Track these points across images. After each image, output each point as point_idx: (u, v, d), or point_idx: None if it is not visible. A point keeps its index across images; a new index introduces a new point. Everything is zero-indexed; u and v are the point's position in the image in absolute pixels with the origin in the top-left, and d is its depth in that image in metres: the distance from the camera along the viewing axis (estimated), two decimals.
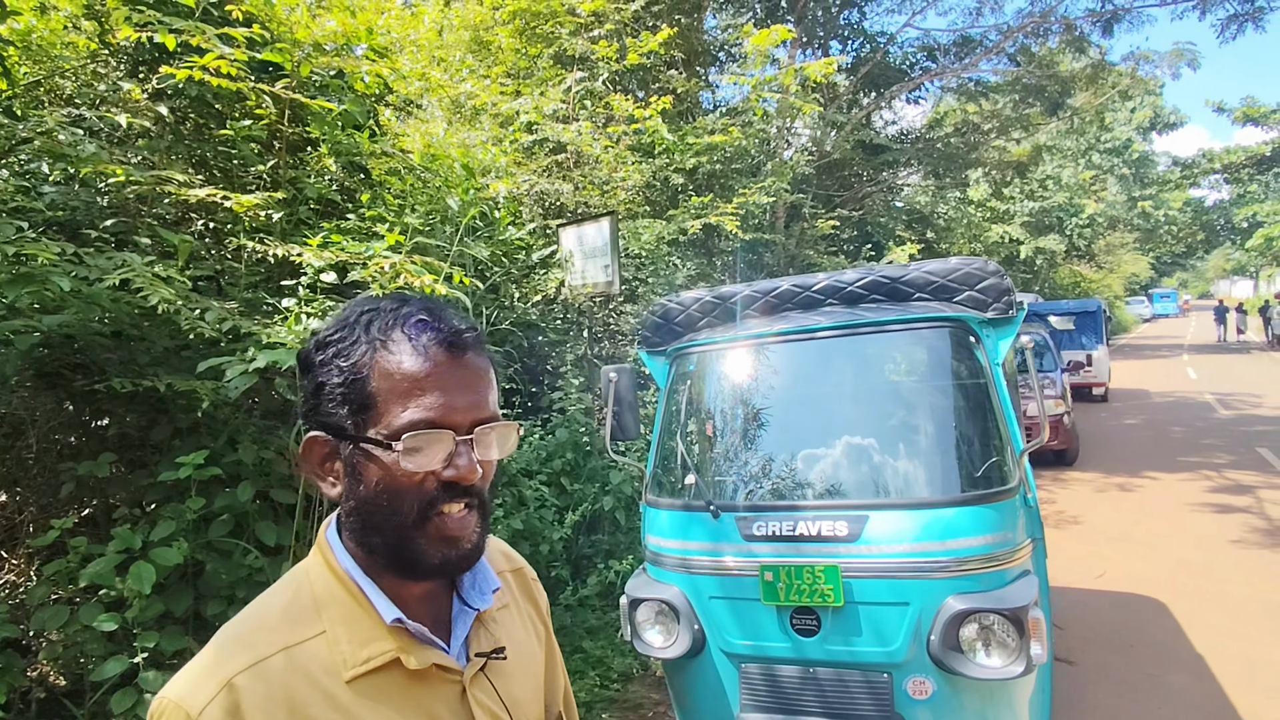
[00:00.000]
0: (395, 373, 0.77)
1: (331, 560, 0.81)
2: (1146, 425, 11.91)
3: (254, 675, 0.72)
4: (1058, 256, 26.61)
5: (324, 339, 0.79)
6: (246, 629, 0.77)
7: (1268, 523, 6.47)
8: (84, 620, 2.59)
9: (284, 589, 0.82)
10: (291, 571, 0.85)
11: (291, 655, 0.75)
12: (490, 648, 0.87)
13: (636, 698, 3.92)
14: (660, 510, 2.68)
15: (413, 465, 0.76)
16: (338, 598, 0.79)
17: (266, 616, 0.79)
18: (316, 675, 0.75)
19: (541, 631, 1.03)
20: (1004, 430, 2.47)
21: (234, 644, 0.76)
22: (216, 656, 0.75)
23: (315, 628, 0.77)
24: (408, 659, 0.78)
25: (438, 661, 0.81)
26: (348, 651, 0.76)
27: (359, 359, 0.77)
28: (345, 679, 0.75)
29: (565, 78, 7.00)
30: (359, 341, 0.78)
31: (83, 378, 2.83)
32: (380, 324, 0.79)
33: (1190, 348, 26.95)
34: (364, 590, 0.79)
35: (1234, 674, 3.91)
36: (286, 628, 0.77)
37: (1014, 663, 2.10)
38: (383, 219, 3.61)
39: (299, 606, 0.79)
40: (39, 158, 3.28)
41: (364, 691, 0.76)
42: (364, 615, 0.78)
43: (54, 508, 3.16)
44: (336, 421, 0.78)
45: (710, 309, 3.01)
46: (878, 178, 13.33)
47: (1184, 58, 12.63)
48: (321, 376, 0.78)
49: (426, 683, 0.80)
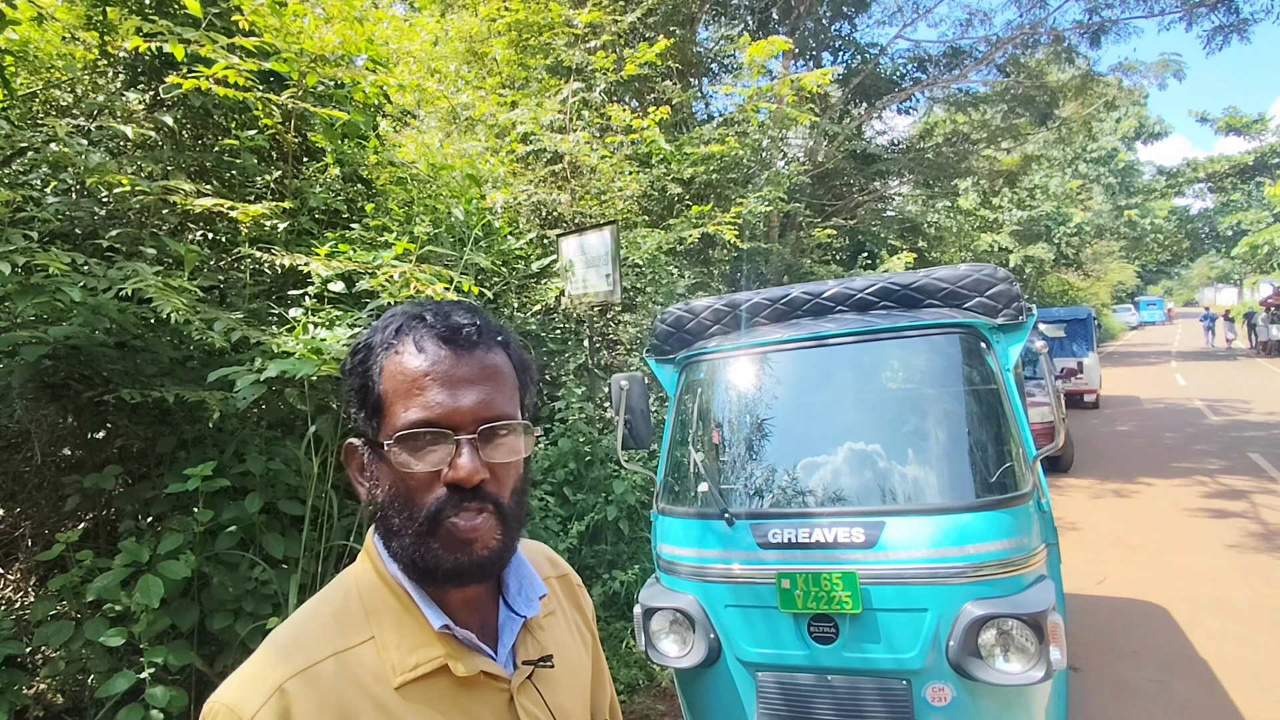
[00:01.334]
0: (398, 373, 0.77)
1: (379, 566, 0.81)
2: (1138, 432, 12.00)
3: (305, 680, 0.72)
4: (1046, 265, 26.86)
5: (354, 347, 0.82)
6: (297, 634, 0.78)
7: (1263, 527, 6.52)
8: (89, 635, 2.55)
9: (333, 594, 0.82)
10: (340, 576, 0.85)
11: (342, 661, 0.75)
12: (537, 655, 0.87)
13: (643, 709, 3.89)
14: (673, 519, 2.67)
15: (408, 466, 0.75)
16: (386, 604, 0.79)
17: (317, 621, 0.79)
18: (366, 681, 0.74)
19: (588, 638, 1.02)
20: (1016, 435, 2.48)
21: (285, 649, 0.76)
22: (268, 661, 0.75)
23: (364, 633, 0.77)
24: (455, 666, 0.78)
25: (485, 669, 0.80)
26: (396, 658, 0.76)
27: (372, 363, 0.79)
28: (394, 685, 0.75)
29: (562, 88, 7.03)
30: (375, 346, 0.79)
31: (87, 389, 2.79)
32: (393, 327, 0.79)
33: (1178, 354, 27.22)
34: (412, 596, 0.79)
35: (1238, 679, 3.93)
36: (336, 633, 0.77)
37: (1034, 668, 2.10)
38: (387, 229, 3.60)
39: (348, 612, 0.79)
40: (36, 167, 3.25)
41: (412, 698, 0.76)
42: (412, 621, 0.78)
43: (56, 521, 3.11)
44: (359, 426, 0.80)
45: (721, 316, 3.02)
46: (869, 187, 13.43)
47: (1170, 68, 12.84)
48: (348, 383, 0.81)
49: (474, 690, 0.80)
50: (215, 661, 2.92)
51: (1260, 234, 23.09)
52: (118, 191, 3.05)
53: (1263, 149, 26.28)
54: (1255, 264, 27.07)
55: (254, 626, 2.79)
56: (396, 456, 0.75)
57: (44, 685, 3.16)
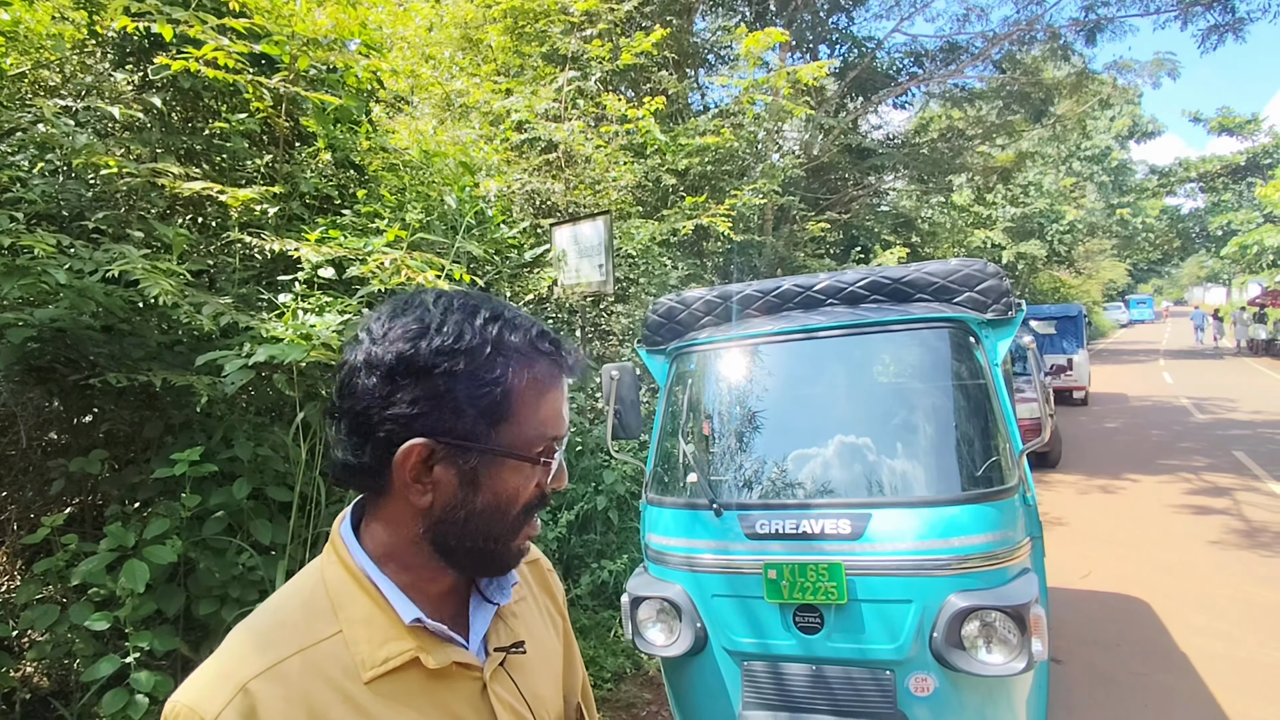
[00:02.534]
0: (534, 387, 0.78)
1: (346, 559, 0.79)
2: (1126, 429, 12.10)
3: (270, 679, 0.71)
4: (1038, 262, 26.98)
5: (447, 346, 0.75)
6: (261, 630, 0.76)
7: (1245, 524, 6.60)
8: (75, 619, 2.54)
9: (298, 588, 0.80)
10: (305, 570, 0.83)
11: (308, 657, 0.73)
12: (509, 642, 0.87)
13: (629, 697, 3.92)
14: (662, 509, 2.68)
15: (547, 477, 0.81)
16: (354, 597, 0.77)
17: (281, 616, 0.77)
18: (335, 677, 0.73)
19: (559, 623, 1.02)
20: (1003, 430, 2.50)
21: (249, 646, 0.74)
22: (231, 659, 0.73)
23: (331, 628, 0.75)
24: (427, 658, 0.77)
25: (457, 659, 0.80)
26: (366, 652, 0.75)
27: (502, 370, 0.77)
28: (364, 680, 0.74)
29: (557, 77, 6.99)
30: (499, 352, 0.77)
31: (73, 373, 2.77)
32: (517, 337, 0.79)
33: (1166, 353, 27.45)
34: (381, 589, 0.78)
35: (1218, 673, 3.99)
36: (302, 628, 0.75)
37: (1015, 659, 2.12)
38: (379, 215, 3.58)
39: (314, 606, 0.77)
40: (23, 148, 3.22)
41: (383, 692, 0.75)
42: (381, 615, 0.77)
43: (41, 505, 3.09)
44: (464, 431, 0.76)
45: (712, 308, 3.02)
46: (864, 181, 13.44)
47: (1164, 67, 12.88)
48: (447, 384, 0.75)
49: (446, 681, 0.79)
50: (201, 647, 2.91)
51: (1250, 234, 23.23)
52: (105, 173, 3.02)
53: (1255, 149, 26.44)
54: (1245, 264, 27.28)
55: (240, 612, 2.79)
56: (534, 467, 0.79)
57: (30, 668, 3.15)
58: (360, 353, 0.77)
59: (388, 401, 0.75)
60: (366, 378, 0.75)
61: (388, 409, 0.75)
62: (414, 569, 0.80)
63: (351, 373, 0.77)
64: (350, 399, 0.76)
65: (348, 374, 0.77)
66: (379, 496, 0.80)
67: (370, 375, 0.75)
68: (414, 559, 0.80)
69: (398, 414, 0.75)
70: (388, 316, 0.79)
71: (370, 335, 0.77)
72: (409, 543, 0.80)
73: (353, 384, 0.76)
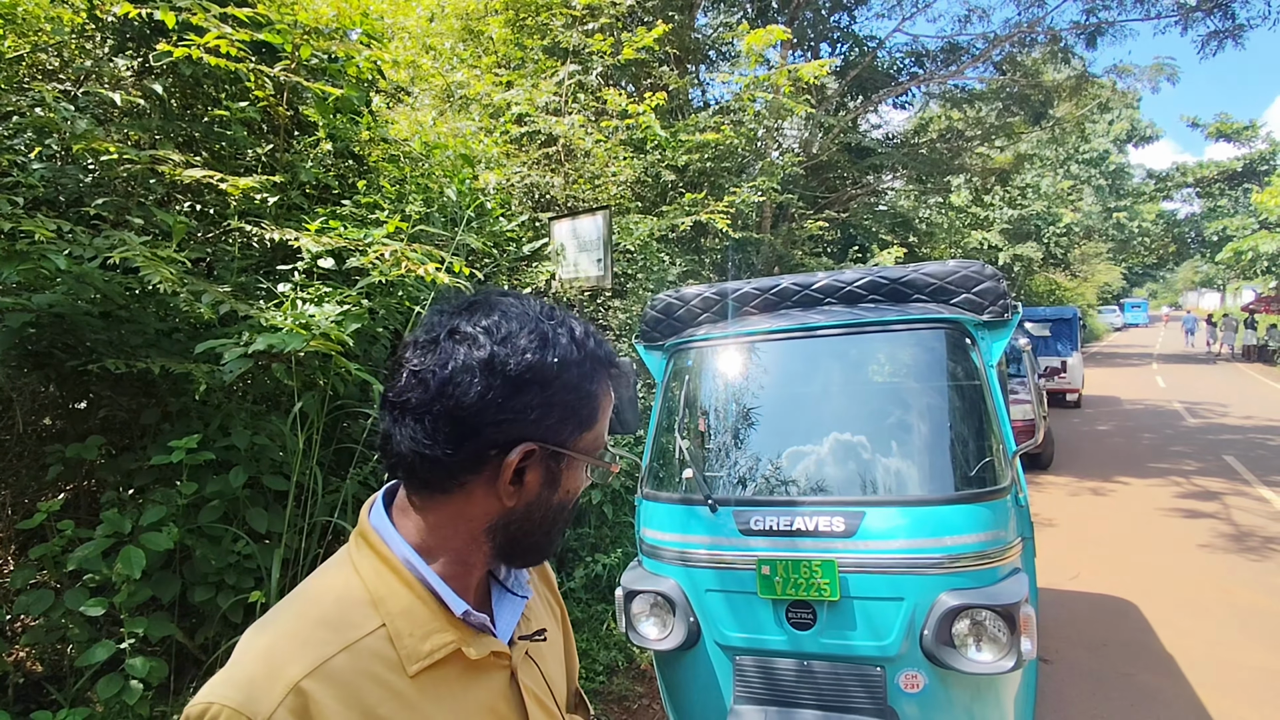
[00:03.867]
0: (609, 396, 0.86)
1: (385, 551, 0.79)
2: (1118, 431, 12.17)
3: (321, 677, 0.70)
4: (1035, 264, 27.07)
5: (567, 359, 0.79)
6: (300, 626, 0.74)
7: (1234, 528, 6.66)
8: (70, 605, 2.54)
9: (330, 581, 0.79)
10: (332, 564, 0.82)
11: (354, 652, 0.72)
12: (529, 631, 0.89)
13: (621, 690, 3.94)
14: (657, 504, 2.70)
15: (607, 475, 0.90)
16: (395, 590, 0.77)
17: (319, 613, 0.75)
18: (380, 672, 0.73)
19: (558, 611, 1.06)
20: (997, 431, 2.52)
21: (290, 644, 0.72)
22: (275, 658, 0.71)
23: (373, 622, 0.75)
24: (468, 650, 0.78)
25: (494, 649, 0.82)
26: (410, 645, 0.75)
27: (597, 383, 0.83)
28: (410, 674, 0.74)
29: (558, 70, 6.98)
30: (596, 367, 0.83)
31: (71, 358, 2.77)
32: (602, 352, 0.85)
33: (1160, 357, 27.58)
34: (429, 582, 0.78)
35: (1202, 674, 4.03)
36: (344, 623, 0.74)
37: (1005, 658, 2.15)
38: (379, 206, 3.58)
39: (352, 600, 0.76)
40: (21, 132, 3.20)
41: (427, 685, 0.75)
42: (423, 607, 0.77)
43: (37, 490, 3.10)
44: (560, 436, 0.80)
45: (710, 305, 3.04)
46: (863, 181, 13.45)
47: (1164, 72, 12.92)
48: (560, 394, 0.79)
49: (483, 671, 0.81)
50: (196, 633, 2.92)
51: (1245, 240, 23.37)
52: (105, 159, 3.02)
53: (1252, 155, 26.55)
54: (1239, 270, 27.42)
55: (236, 600, 2.80)
56: (601, 468, 0.87)
57: (24, 653, 3.16)
58: (479, 352, 0.76)
59: (507, 406, 0.76)
60: (488, 379, 0.76)
61: (503, 412, 0.76)
62: (462, 563, 0.81)
63: (465, 370, 0.76)
64: (460, 397, 0.75)
65: (457, 371, 0.76)
66: (445, 492, 0.79)
67: (492, 377, 0.76)
68: (468, 553, 0.81)
69: (512, 418, 0.77)
70: (497, 317, 0.79)
71: (488, 335, 0.77)
72: (468, 537, 0.81)
73: (464, 383, 0.75)
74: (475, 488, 0.79)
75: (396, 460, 0.80)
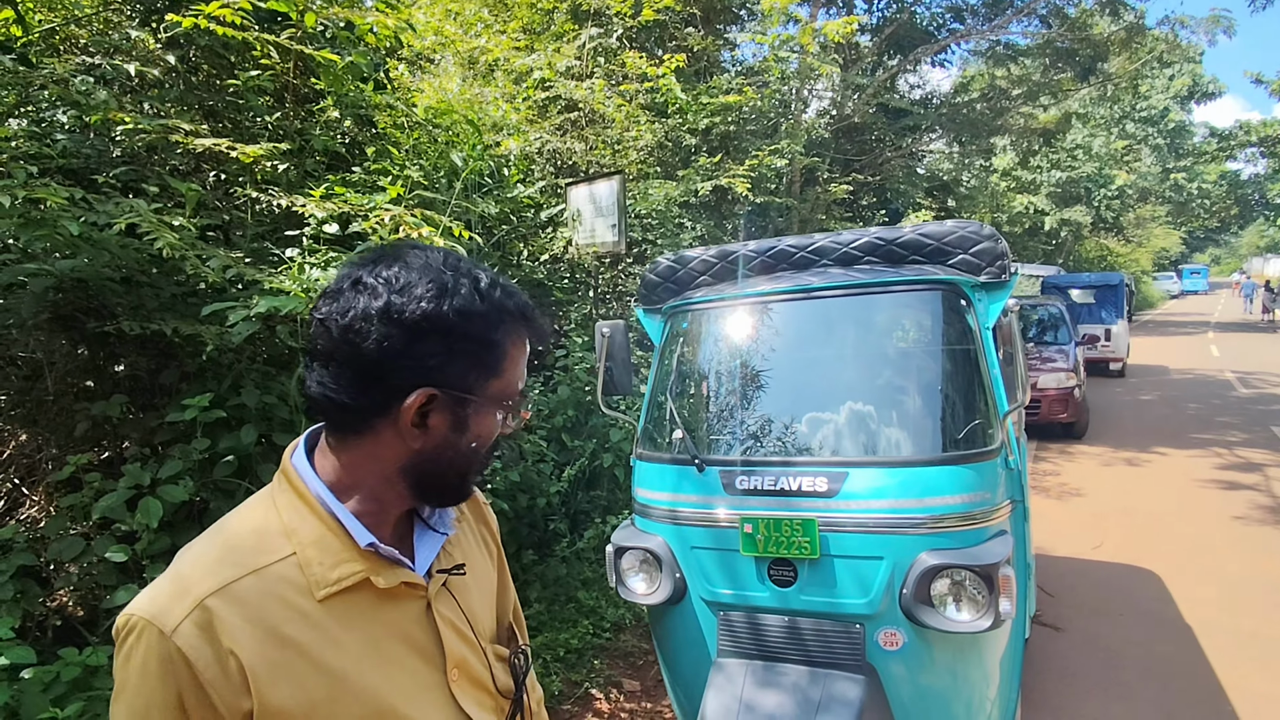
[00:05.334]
0: (518, 347, 0.90)
1: (301, 487, 0.85)
2: (1162, 401, 11.79)
3: (225, 595, 0.77)
4: (1084, 229, 26.06)
5: (466, 308, 0.82)
6: (214, 552, 0.81)
7: (1273, 500, 6.45)
8: (97, 552, 2.72)
9: (249, 514, 0.86)
10: (255, 497, 0.89)
11: (262, 576, 0.79)
12: (450, 565, 0.95)
13: (627, 646, 4.05)
14: (649, 464, 2.74)
15: (517, 422, 0.94)
16: (307, 522, 0.83)
17: (234, 540, 0.83)
18: (288, 595, 0.79)
19: (493, 549, 1.11)
20: (989, 393, 2.49)
21: (203, 566, 0.79)
22: (186, 578, 0.79)
23: (285, 550, 0.82)
24: (377, 579, 0.84)
25: (406, 579, 0.87)
26: (319, 573, 0.81)
27: (503, 332, 0.86)
28: (317, 598, 0.80)
29: (580, 33, 6.91)
30: (501, 316, 0.86)
31: (93, 321, 2.92)
32: (512, 303, 0.88)
33: (1216, 325, 26.45)
34: (337, 516, 0.84)
35: (1221, 646, 3.96)
36: (255, 551, 0.81)
37: (982, 617, 2.15)
38: (387, 172, 3.64)
39: (267, 530, 0.83)
40: (55, 105, 3.33)
41: (336, 610, 0.81)
42: (334, 538, 0.83)
43: (70, 446, 3.28)
44: (467, 383, 0.85)
45: (709, 267, 3.04)
46: (899, 143, 13.08)
47: (1220, 24, 12.19)
48: (461, 342, 0.83)
49: (395, 600, 0.87)
50: None
51: None
52: (122, 130, 3.12)
53: None
54: None
55: None
56: (507, 412, 0.90)
57: (65, 599, 3.38)
58: (376, 301, 0.80)
59: (404, 353, 0.80)
60: (384, 326, 0.79)
61: (402, 359, 0.80)
62: (376, 500, 0.87)
63: (364, 319, 0.79)
64: (359, 344, 0.79)
65: (357, 319, 0.80)
66: (357, 434, 0.85)
67: (389, 325, 0.79)
68: (382, 491, 0.87)
69: (412, 365, 0.81)
70: (397, 268, 0.82)
71: (387, 285, 0.81)
72: (381, 477, 0.86)
73: (364, 330, 0.79)
74: (384, 430, 0.84)
75: (311, 404, 0.86)
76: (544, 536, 4.51)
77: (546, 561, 4.40)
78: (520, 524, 4.35)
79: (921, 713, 2.30)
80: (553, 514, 4.50)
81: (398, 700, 0.84)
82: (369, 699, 0.82)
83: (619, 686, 3.69)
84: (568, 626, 4.00)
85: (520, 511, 4.27)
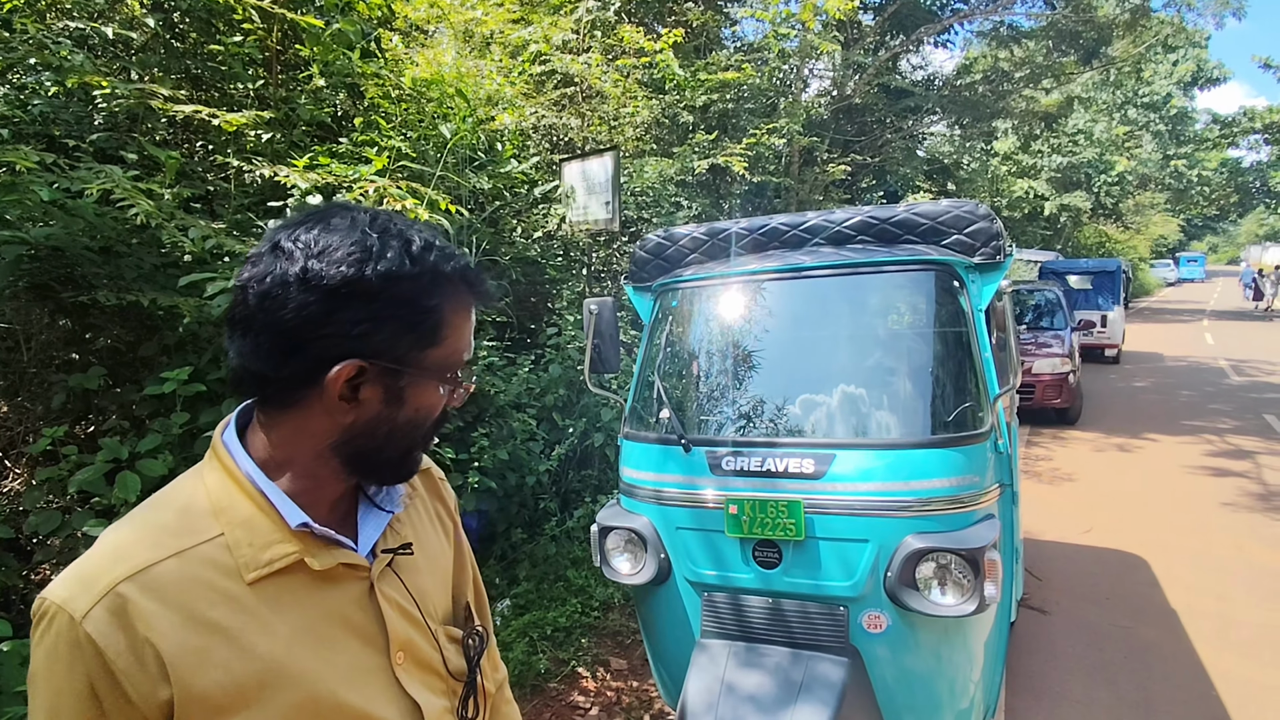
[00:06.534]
0: (459, 314, 0.84)
1: (230, 465, 0.80)
2: (1154, 388, 11.80)
3: (140, 580, 0.72)
4: (1083, 214, 25.96)
5: (392, 272, 0.76)
6: (135, 534, 0.76)
7: (1262, 487, 6.46)
8: (76, 526, 2.68)
9: (176, 492, 0.81)
10: (184, 476, 0.84)
11: (185, 559, 0.74)
12: (396, 545, 0.90)
13: (615, 625, 4.05)
14: (635, 443, 2.71)
15: (461, 394, 0.88)
16: (237, 501, 0.78)
17: (158, 519, 0.78)
18: (214, 578, 0.74)
19: (450, 526, 1.05)
20: (980, 375, 2.45)
21: (123, 548, 0.74)
22: (104, 560, 0.74)
23: (212, 530, 0.76)
24: (311, 561, 0.79)
25: (344, 560, 0.82)
26: (248, 554, 0.76)
27: (439, 297, 0.80)
28: (247, 581, 0.75)
29: (577, 6, 6.77)
30: (436, 281, 0.80)
31: (68, 291, 2.86)
32: (449, 266, 0.81)
33: (1212, 313, 26.47)
34: (267, 495, 0.79)
35: (1206, 630, 3.97)
36: (179, 532, 0.76)
37: (967, 601, 2.13)
38: (374, 144, 3.56)
39: (193, 510, 0.78)
40: (36, 70, 3.24)
41: (267, 593, 0.77)
42: (264, 518, 0.78)
43: (50, 419, 3.24)
44: (398, 354, 0.79)
45: (699, 244, 2.98)
46: (900, 124, 12.94)
47: (1228, 6, 12.03)
48: (389, 309, 0.77)
49: (333, 582, 0.82)
50: None
51: None
52: (101, 95, 3.04)
53: None
54: None
55: None
56: (450, 386, 0.85)
57: (48, 571, 3.36)
58: (294, 266, 0.75)
59: (325, 321, 0.75)
60: (302, 293, 0.74)
61: (324, 328, 0.75)
62: (310, 477, 0.82)
63: (281, 285, 0.74)
64: (277, 312, 0.74)
65: (274, 285, 0.74)
66: (285, 408, 0.80)
67: (307, 292, 0.74)
68: (315, 469, 0.82)
69: (335, 334, 0.75)
70: (318, 230, 0.77)
71: (304, 249, 0.75)
72: (313, 454, 0.81)
73: (282, 297, 0.74)
74: (313, 404, 0.78)
75: (232, 376, 0.81)
76: (534, 515, 4.49)
77: (536, 540, 4.38)
78: (510, 502, 4.32)
79: (905, 694, 2.30)
80: (543, 493, 4.48)
81: (336, 685, 0.79)
82: (303, 684, 0.77)
83: (606, 665, 3.69)
84: (556, 605, 3.99)
85: (510, 490, 4.24)
